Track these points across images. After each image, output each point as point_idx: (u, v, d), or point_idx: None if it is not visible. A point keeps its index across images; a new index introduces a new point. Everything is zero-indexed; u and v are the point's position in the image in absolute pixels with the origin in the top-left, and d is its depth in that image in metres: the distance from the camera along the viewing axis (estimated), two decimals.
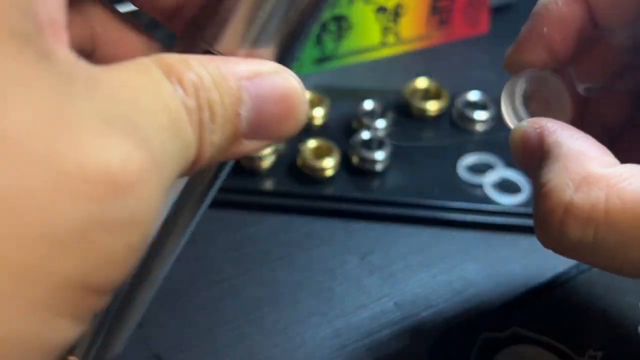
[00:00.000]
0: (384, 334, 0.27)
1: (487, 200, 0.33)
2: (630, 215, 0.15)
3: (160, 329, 0.27)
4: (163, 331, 0.27)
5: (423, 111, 0.37)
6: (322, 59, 0.43)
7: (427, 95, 0.39)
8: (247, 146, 0.14)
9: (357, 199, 0.32)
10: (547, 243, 0.17)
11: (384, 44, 0.45)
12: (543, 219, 0.17)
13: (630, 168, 0.16)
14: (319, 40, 0.42)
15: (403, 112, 0.38)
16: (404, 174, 0.34)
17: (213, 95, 0.13)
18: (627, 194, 0.15)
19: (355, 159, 0.33)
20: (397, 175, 0.34)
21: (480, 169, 0.34)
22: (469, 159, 0.35)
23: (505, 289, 0.29)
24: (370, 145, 0.34)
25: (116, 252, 0.11)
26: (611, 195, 0.15)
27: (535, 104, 0.22)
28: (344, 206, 0.32)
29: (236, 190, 0.33)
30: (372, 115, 0.36)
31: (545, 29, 0.20)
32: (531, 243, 0.32)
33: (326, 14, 0.41)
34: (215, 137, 0.13)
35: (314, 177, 0.33)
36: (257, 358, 0.26)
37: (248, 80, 0.14)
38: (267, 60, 0.15)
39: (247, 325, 0.28)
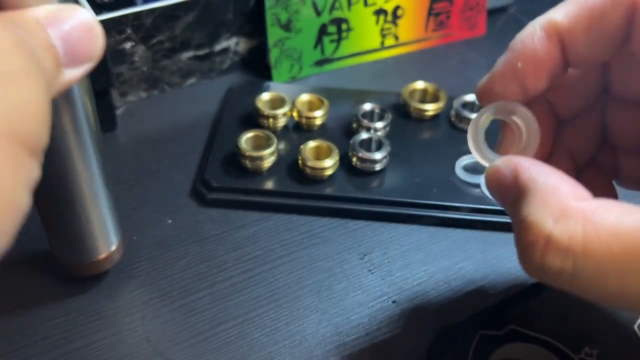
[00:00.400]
0: (383, 331, 0.28)
1: (484, 199, 0.33)
2: (605, 248, 0.16)
3: (162, 327, 0.27)
4: (165, 329, 0.27)
5: (421, 112, 0.38)
6: (321, 61, 0.44)
7: (426, 96, 0.39)
8: (71, 74, 0.17)
9: (357, 198, 0.33)
10: (530, 272, 0.18)
11: (382, 46, 0.46)
12: (525, 251, 0.18)
13: (604, 202, 0.17)
14: (318, 43, 0.43)
15: (402, 113, 0.39)
16: (402, 174, 0.34)
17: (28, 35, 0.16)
18: (602, 227, 0.16)
19: (354, 159, 0.34)
20: (396, 175, 0.34)
21: (477, 169, 0.34)
22: (467, 160, 0.35)
23: (502, 287, 0.30)
24: (369, 145, 0.35)
25: (27, 102, 0.14)
26: (588, 228, 0.16)
27: (504, 134, 0.23)
28: (344, 206, 0.33)
29: (237, 190, 0.33)
30: (371, 116, 0.37)
31: (519, 64, 0.21)
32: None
33: (326, 17, 0.42)
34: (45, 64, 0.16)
35: (313, 177, 0.33)
36: (258, 355, 0.27)
37: (46, 18, 0.17)
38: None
39: (248, 323, 0.28)
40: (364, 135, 0.34)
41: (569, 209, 0.17)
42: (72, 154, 0.24)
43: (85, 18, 0.18)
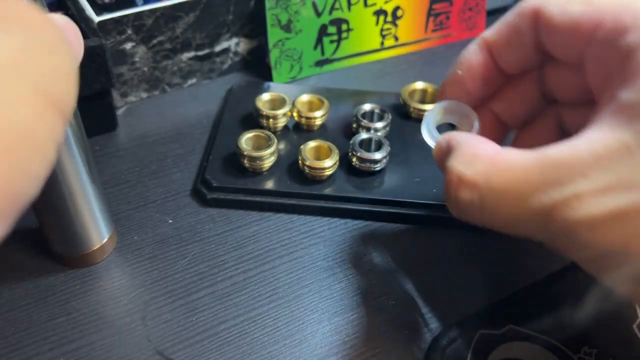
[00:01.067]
0: (382, 331, 0.28)
1: None
2: (502, 180, 0.20)
3: (163, 326, 0.28)
4: (166, 328, 0.28)
5: (421, 112, 0.38)
6: (321, 62, 0.44)
7: (425, 96, 0.40)
8: None
9: (357, 198, 0.33)
10: (451, 209, 0.23)
11: (382, 47, 0.46)
12: (447, 192, 0.22)
13: (508, 148, 0.21)
14: (318, 43, 0.43)
15: (401, 113, 0.39)
16: (402, 174, 0.34)
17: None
18: (501, 164, 0.20)
19: (354, 159, 0.34)
20: (396, 175, 0.34)
21: None
22: None
23: (501, 286, 0.30)
24: (369, 145, 0.35)
25: (60, 68, 0.16)
26: (489, 166, 0.20)
27: (450, 124, 0.29)
28: (344, 206, 0.33)
29: (237, 190, 0.33)
30: (371, 116, 0.37)
31: (459, 72, 0.27)
32: (528, 241, 0.32)
33: (326, 17, 0.42)
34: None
35: (313, 177, 0.33)
36: (258, 355, 0.27)
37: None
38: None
39: (249, 322, 0.28)
40: (364, 136, 0.35)
41: (478, 155, 0.21)
42: (58, 150, 0.25)
43: (67, 19, 0.20)
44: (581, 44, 0.22)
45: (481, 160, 0.21)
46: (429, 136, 0.28)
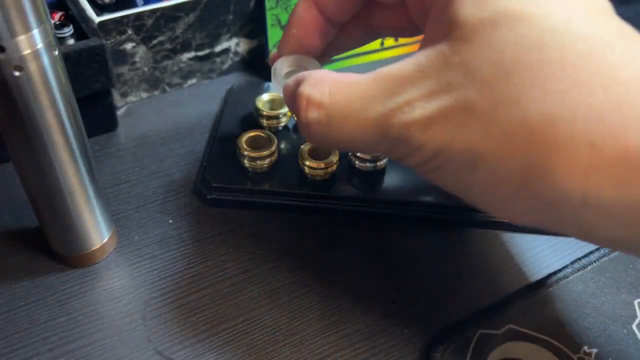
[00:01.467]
0: (382, 330, 0.28)
1: None
2: (344, 95, 0.22)
3: (162, 326, 0.28)
4: (166, 328, 0.28)
5: None
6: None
7: None
8: None
9: (356, 198, 0.33)
10: (304, 134, 0.24)
11: (382, 47, 0.46)
12: (297, 115, 0.23)
13: (349, 73, 0.23)
14: None
15: None
16: (402, 174, 0.34)
17: None
18: (342, 83, 0.22)
19: (354, 159, 0.34)
20: (396, 175, 0.34)
21: None
22: None
23: (501, 286, 0.30)
24: None
25: None
26: (333, 85, 0.22)
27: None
28: (344, 205, 0.33)
29: (237, 190, 0.33)
30: None
31: (294, 30, 0.28)
32: (527, 242, 0.32)
33: None
34: None
35: (313, 177, 0.33)
36: (258, 355, 0.27)
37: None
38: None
39: (249, 322, 0.28)
40: None
41: (323, 79, 0.23)
42: (58, 150, 0.25)
43: None
44: None
45: (326, 82, 0.23)
46: (279, 85, 0.28)
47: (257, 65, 0.44)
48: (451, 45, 0.20)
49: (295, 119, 0.24)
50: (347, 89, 0.22)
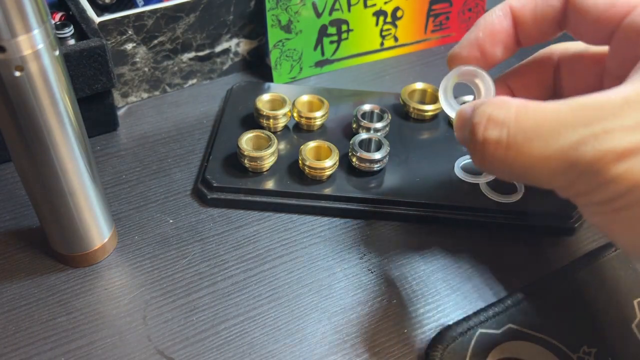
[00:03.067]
0: (382, 330, 0.28)
1: (483, 199, 0.33)
2: (532, 120, 0.21)
3: (163, 325, 0.28)
4: (166, 327, 0.28)
5: (421, 113, 0.38)
6: (321, 62, 0.44)
7: (425, 97, 0.40)
8: None
9: (356, 198, 0.33)
10: (476, 156, 0.22)
11: (382, 47, 0.46)
12: (473, 136, 0.22)
13: (534, 100, 0.21)
14: (318, 44, 0.43)
15: (401, 113, 0.39)
16: (402, 174, 0.34)
17: None
18: (531, 107, 0.21)
19: (354, 159, 0.34)
20: (395, 175, 0.34)
21: (476, 169, 0.35)
22: (466, 159, 0.35)
23: (500, 286, 0.30)
24: (369, 145, 0.35)
25: None
26: (520, 108, 0.21)
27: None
28: (344, 205, 0.33)
29: (238, 190, 0.33)
30: (371, 116, 0.37)
31: (480, 34, 0.26)
32: (526, 241, 0.32)
33: (326, 18, 0.42)
34: None
35: (313, 177, 0.33)
36: (258, 354, 0.27)
37: None
38: None
39: (249, 321, 0.28)
40: (364, 136, 0.35)
41: (507, 101, 0.21)
42: (59, 150, 0.25)
43: None
44: (608, 29, 0.23)
45: (512, 104, 0.21)
46: (448, 106, 0.27)
47: (257, 66, 0.44)
48: None
49: (469, 141, 0.23)
50: (537, 112, 0.21)
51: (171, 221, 0.33)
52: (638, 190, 0.19)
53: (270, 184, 0.33)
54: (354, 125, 0.37)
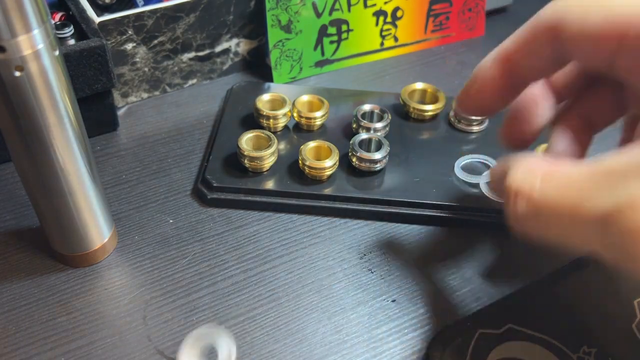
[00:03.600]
0: (382, 330, 0.28)
1: (483, 199, 0.33)
2: (557, 189, 0.20)
3: (163, 325, 0.28)
4: (166, 327, 0.28)
5: (421, 113, 0.38)
6: (322, 62, 0.44)
7: (425, 97, 0.40)
8: None
9: (356, 198, 0.33)
10: (513, 225, 0.22)
11: (382, 47, 0.46)
12: (506, 206, 0.22)
13: (562, 161, 0.21)
14: (318, 44, 0.43)
15: (401, 113, 0.39)
16: (401, 174, 0.34)
17: None
18: (555, 174, 0.21)
19: (354, 160, 0.34)
20: (395, 175, 0.34)
21: (476, 169, 0.35)
22: (466, 159, 0.35)
23: (500, 286, 0.30)
24: (369, 145, 0.35)
25: None
26: (544, 178, 0.21)
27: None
28: (344, 205, 0.33)
29: (238, 190, 0.33)
30: (371, 116, 0.37)
31: (475, 88, 0.26)
32: (526, 241, 0.32)
33: (326, 18, 0.42)
34: None
35: (313, 177, 0.33)
36: (258, 354, 0.27)
37: None
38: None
39: (249, 321, 0.28)
40: (364, 136, 0.35)
41: (532, 170, 0.21)
42: (59, 150, 0.25)
43: None
44: (606, 53, 0.22)
45: (537, 173, 0.21)
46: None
47: (258, 66, 0.44)
48: None
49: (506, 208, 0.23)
50: (561, 181, 0.20)
51: (171, 221, 0.33)
52: None
53: (270, 184, 0.33)
54: (354, 125, 0.37)
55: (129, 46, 0.38)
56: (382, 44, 0.45)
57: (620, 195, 0.18)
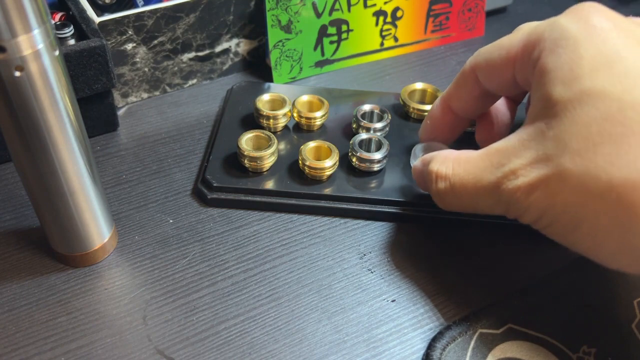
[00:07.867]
0: (382, 330, 0.28)
1: None
2: (464, 168, 0.27)
3: (163, 325, 0.28)
4: (166, 327, 0.28)
5: (420, 113, 0.38)
6: (321, 62, 0.44)
7: (425, 97, 0.40)
8: None
9: (356, 198, 0.33)
10: (436, 201, 0.29)
11: (382, 47, 0.46)
12: (429, 187, 0.29)
13: (467, 150, 0.28)
14: (318, 44, 0.43)
15: (401, 113, 0.39)
16: (402, 174, 0.34)
17: None
18: (462, 158, 0.27)
19: (354, 160, 0.34)
20: (395, 175, 0.34)
21: None
22: None
23: (500, 286, 0.30)
24: (368, 145, 0.35)
25: None
26: (455, 162, 0.27)
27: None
28: (343, 205, 0.33)
29: (238, 190, 0.33)
30: (371, 116, 0.37)
31: (429, 122, 0.33)
32: (527, 241, 0.32)
33: (326, 18, 0.42)
34: None
35: (313, 177, 0.33)
36: (258, 354, 0.27)
37: None
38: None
39: (249, 321, 0.28)
40: (364, 136, 0.35)
41: (447, 157, 0.28)
42: (59, 150, 0.25)
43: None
44: (508, 81, 0.28)
45: (450, 159, 0.28)
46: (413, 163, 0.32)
47: (258, 66, 0.44)
48: (546, 122, 0.24)
49: (429, 190, 0.29)
50: (465, 163, 0.27)
51: (171, 221, 0.33)
52: (548, 213, 0.24)
53: (270, 184, 0.33)
54: (354, 125, 0.37)
55: (129, 46, 0.38)
56: (382, 44, 0.45)
57: (505, 167, 0.25)
